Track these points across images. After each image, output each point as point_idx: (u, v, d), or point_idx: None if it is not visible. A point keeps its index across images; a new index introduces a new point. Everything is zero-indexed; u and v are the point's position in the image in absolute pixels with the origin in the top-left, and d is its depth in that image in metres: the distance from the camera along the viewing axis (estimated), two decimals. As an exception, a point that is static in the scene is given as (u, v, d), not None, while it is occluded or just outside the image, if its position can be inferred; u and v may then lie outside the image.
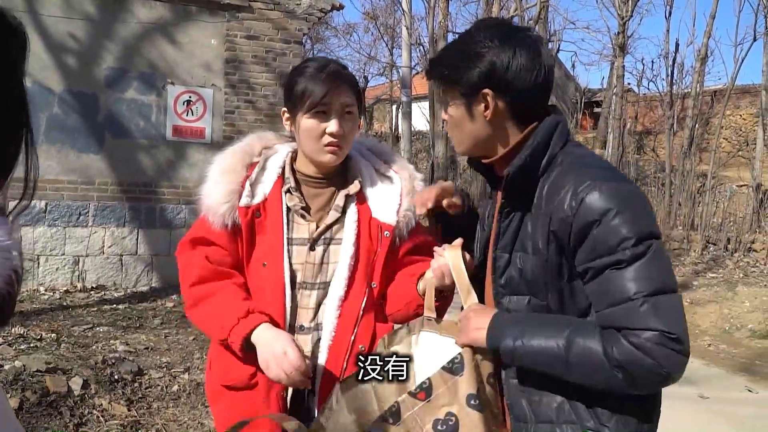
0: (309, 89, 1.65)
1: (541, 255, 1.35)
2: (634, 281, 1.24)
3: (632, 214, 1.27)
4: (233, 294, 1.67)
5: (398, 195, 1.76)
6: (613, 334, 1.26)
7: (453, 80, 1.44)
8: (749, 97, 19.90)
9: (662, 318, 1.22)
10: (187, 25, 7.50)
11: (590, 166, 1.36)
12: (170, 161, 7.52)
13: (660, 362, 1.22)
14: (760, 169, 15.50)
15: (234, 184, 1.71)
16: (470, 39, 1.43)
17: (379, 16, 24.74)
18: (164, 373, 4.67)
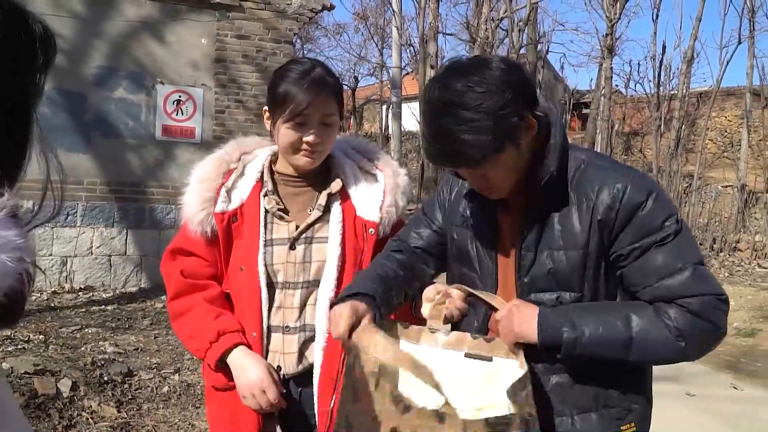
0: (290, 96, 1.62)
1: (580, 248, 1.40)
2: (680, 255, 1.36)
3: (665, 197, 1.42)
4: (204, 313, 1.70)
5: (381, 192, 1.76)
6: (668, 306, 1.34)
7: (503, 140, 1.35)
8: (734, 99, 20.11)
9: (711, 284, 1.35)
10: (177, 24, 7.47)
11: (616, 163, 1.52)
12: (159, 161, 7.49)
13: (718, 323, 1.34)
14: (744, 170, 15.67)
15: (209, 192, 1.73)
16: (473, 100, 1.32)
17: (369, 16, 24.78)
18: (154, 374, 4.65)
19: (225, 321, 1.70)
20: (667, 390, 4.72)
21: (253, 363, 1.65)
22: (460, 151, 1.33)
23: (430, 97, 1.37)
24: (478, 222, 1.57)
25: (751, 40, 16.07)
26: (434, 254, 1.69)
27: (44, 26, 0.75)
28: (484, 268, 1.54)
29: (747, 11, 15.69)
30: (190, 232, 1.74)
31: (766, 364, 6.30)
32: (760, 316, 7.47)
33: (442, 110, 1.34)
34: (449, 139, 1.33)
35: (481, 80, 1.32)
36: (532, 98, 1.40)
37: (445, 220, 1.67)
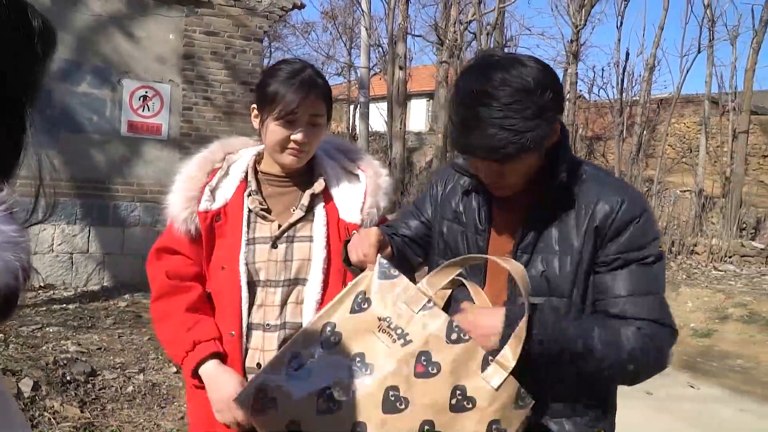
0: (280, 95, 1.65)
1: (575, 255, 1.42)
2: (655, 281, 1.41)
3: (654, 218, 1.48)
4: (182, 321, 1.71)
5: (362, 193, 1.79)
6: (626, 327, 1.37)
7: (538, 143, 1.34)
8: (693, 106, 20.60)
9: (670, 316, 1.41)
10: (145, 19, 7.37)
11: (613, 176, 1.56)
12: (125, 158, 7.38)
13: (664, 352, 1.39)
14: (702, 175, 16.08)
15: (193, 191, 1.75)
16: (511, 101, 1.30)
17: (337, 15, 24.73)
18: (118, 374, 4.59)
19: (201, 330, 1.70)
20: (628, 389, 4.82)
21: (227, 378, 1.67)
22: (491, 145, 1.31)
23: (468, 85, 1.35)
24: (471, 218, 1.57)
25: (711, 49, 16.51)
26: (421, 245, 1.71)
27: (44, 20, 0.75)
28: (473, 265, 1.54)
29: (707, 21, 16.12)
30: (175, 230, 1.75)
31: (721, 364, 6.50)
32: (715, 317, 7.69)
33: (480, 101, 1.31)
34: (483, 131, 1.31)
35: (521, 77, 1.30)
36: (562, 102, 1.41)
37: (434, 214, 1.68)
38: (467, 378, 1.31)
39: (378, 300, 1.39)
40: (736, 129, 14.88)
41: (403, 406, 1.31)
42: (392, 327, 1.36)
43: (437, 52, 18.42)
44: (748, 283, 9.45)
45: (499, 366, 1.30)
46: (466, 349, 1.32)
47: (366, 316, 1.39)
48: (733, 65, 16.24)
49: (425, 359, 1.32)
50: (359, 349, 1.37)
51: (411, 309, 1.37)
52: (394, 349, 1.34)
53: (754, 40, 14.16)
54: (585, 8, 14.89)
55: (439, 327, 1.34)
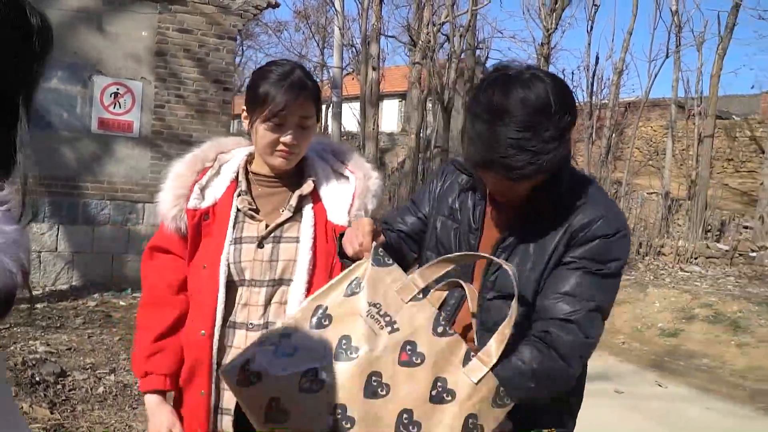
0: (270, 97, 1.65)
1: (545, 262, 1.45)
2: (597, 292, 1.42)
3: (627, 241, 1.48)
4: (147, 345, 1.76)
5: (351, 195, 1.79)
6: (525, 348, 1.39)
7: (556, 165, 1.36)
8: (659, 110, 21.00)
9: (592, 329, 1.41)
10: (117, 15, 7.27)
11: (600, 191, 1.55)
12: (95, 155, 7.27)
13: (572, 366, 1.40)
14: (669, 177, 16.39)
15: (182, 189, 1.76)
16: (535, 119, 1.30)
17: (310, 15, 24.66)
18: (89, 375, 4.53)
19: (157, 362, 1.75)
20: (597, 388, 4.92)
21: (163, 416, 1.73)
22: (509, 165, 1.31)
23: (487, 98, 1.34)
24: (466, 216, 1.59)
25: (677, 54, 16.84)
26: (416, 240, 1.72)
27: (42, 18, 0.75)
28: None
29: (674, 27, 16.44)
30: (166, 229, 1.77)
31: (688, 363, 6.64)
32: (682, 317, 7.85)
33: (499, 117, 1.31)
34: (501, 149, 1.31)
35: (540, 96, 1.31)
36: (576, 120, 1.40)
37: (431, 210, 1.70)
38: (449, 371, 1.34)
39: (370, 286, 1.41)
40: (702, 133, 15.19)
41: (384, 392, 1.33)
42: (381, 314, 1.38)
43: (410, 53, 18.48)
44: (713, 283, 9.67)
45: (481, 362, 1.33)
46: (450, 343, 1.35)
47: (357, 300, 1.41)
48: (699, 70, 16.60)
49: (410, 348, 1.35)
50: (347, 332, 1.38)
51: (401, 298, 1.40)
52: (381, 335, 1.36)
53: (719, 46, 14.47)
54: (556, 12, 15.06)
55: (427, 318, 1.37)
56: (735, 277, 10.19)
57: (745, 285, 9.51)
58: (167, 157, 7.56)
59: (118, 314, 6.35)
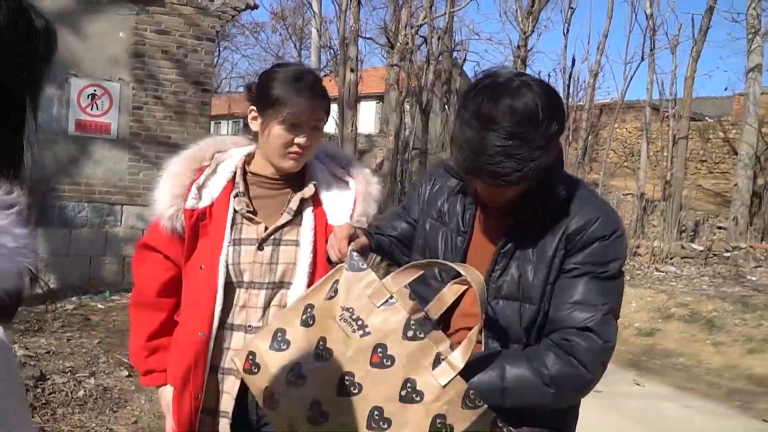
0: (286, 100, 1.66)
1: (547, 265, 1.47)
2: (604, 295, 1.44)
3: (624, 240, 1.51)
4: (142, 348, 1.82)
5: (352, 200, 1.80)
6: (546, 353, 1.41)
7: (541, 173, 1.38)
8: (633, 112, 21.31)
9: (609, 332, 1.43)
10: (94, 16, 7.20)
11: (594, 194, 1.58)
12: (72, 157, 7.19)
13: (592, 372, 1.41)
14: (644, 179, 16.63)
15: (180, 188, 1.74)
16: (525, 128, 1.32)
17: (287, 16, 24.59)
18: (68, 378, 4.49)
19: (154, 361, 1.82)
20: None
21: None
22: (494, 171, 1.34)
23: (475, 106, 1.36)
24: (455, 220, 1.61)
25: (652, 57, 17.09)
26: (407, 245, 1.74)
27: (46, 21, 0.76)
28: (448, 269, 1.57)
29: (649, 30, 16.69)
30: (160, 228, 1.76)
31: (664, 361, 6.75)
32: (658, 317, 7.97)
33: (487, 126, 1.33)
34: (489, 157, 1.33)
35: (528, 105, 1.33)
36: (564, 127, 1.44)
37: (420, 213, 1.71)
38: (418, 373, 1.38)
39: (344, 290, 1.46)
40: (676, 135, 15.43)
41: (356, 390, 1.39)
42: (354, 318, 1.43)
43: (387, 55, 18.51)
44: (688, 283, 9.82)
45: (449, 366, 1.38)
46: (420, 347, 1.40)
47: (333, 304, 1.46)
48: (673, 73, 16.85)
49: (381, 351, 1.40)
50: (323, 334, 1.45)
51: (373, 302, 1.44)
52: (354, 338, 1.42)
53: (693, 49, 14.72)
54: (533, 15, 15.22)
55: (398, 323, 1.41)
56: (710, 276, 10.36)
57: (719, 285, 9.68)
58: (145, 158, 7.50)
59: (97, 317, 6.28)
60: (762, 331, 7.06)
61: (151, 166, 7.48)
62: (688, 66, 14.79)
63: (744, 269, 10.77)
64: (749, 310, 7.68)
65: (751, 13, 14.44)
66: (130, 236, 7.49)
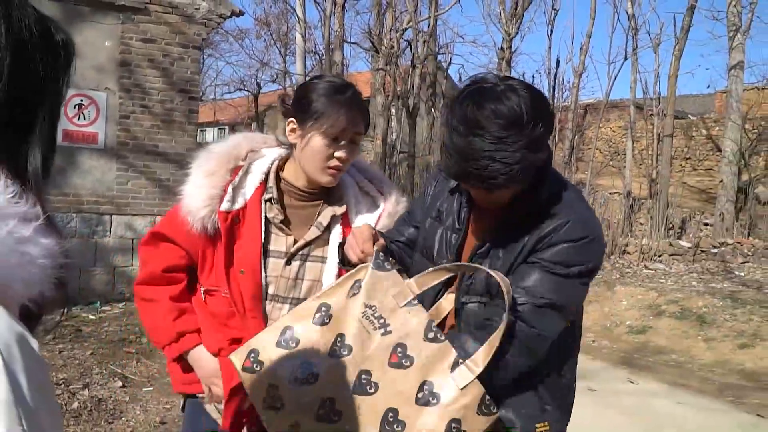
0: (329, 112, 1.64)
1: (512, 261, 1.49)
2: (553, 291, 1.46)
3: (595, 247, 1.50)
4: (168, 310, 1.74)
5: (377, 215, 1.80)
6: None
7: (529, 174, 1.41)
8: (617, 111, 21.46)
9: (546, 322, 1.47)
10: (79, 26, 7.15)
11: (578, 198, 1.57)
12: (60, 167, 7.13)
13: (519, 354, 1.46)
14: (630, 177, 16.75)
15: (217, 189, 1.69)
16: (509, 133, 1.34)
17: (271, 22, 24.58)
18: (62, 390, 4.45)
19: (185, 321, 1.74)
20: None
21: (208, 358, 1.73)
22: (484, 176, 1.37)
23: (463, 111, 1.38)
24: (450, 218, 1.63)
25: (635, 56, 17.23)
26: (415, 249, 1.75)
27: (66, 35, 0.79)
28: (440, 262, 1.60)
29: (631, 30, 16.83)
30: (185, 223, 1.69)
31: (657, 359, 6.79)
32: (649, 314, 8.02)
33: (473, 131, 1.35)
34: (476, 161, 1.35)
35: (512, 109, 1.35)
36: (552, 129, 1.45)
37: (423, 214, 1.73)
38: (436, 375, 1.39)
39: (368, 288, 1.46)
40: (661, 132, 15.56)
41: (372, 389, 1.38)
42: (376, 315, 1.44)
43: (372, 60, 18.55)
44: (677, 280, 9.90)
45: (468, 369, 1.38)
46: (440, 349, 1.40)
47: (355, 301, 1.46)
48: (656, 72, 17.06)
49: (401, 351, 1.40)
50: (342, 330, 1.44)
51: (396, 302, 1.45)
52: (374, 336, 1.42)
53: (676, 47, 14.86)
54: (516, 17, 15.30)
55: (419, 323, 1.42)
56: (698, 273, 10.45)
57: (708, 281, 9.77)
58: (133, 168, 7.46)
59: (89, 328, 6.23)
60: (752, 326, 7.13)
61: (139, 175, 7.44)
62: (671, 64, 14.94)
63: (731, 265, 10.88)
64: (739, 305, 7.75)
65: (732, 11, 14.60)
66: (119, 246, 7.45)
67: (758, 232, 13.20)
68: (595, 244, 1.49)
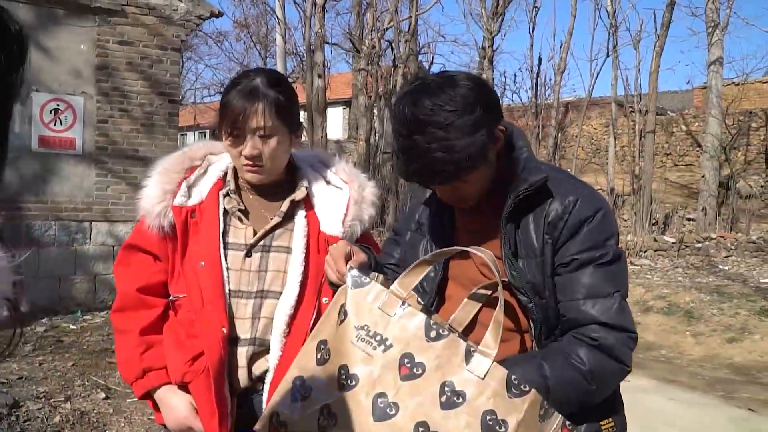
0: (225, 107, 1.59)
1: (539, 256, 1.42)
2: (612, 280, 1.40)
3: (611, 216, 1.46)
4: (136, 345, 1.67)
5: (345, 205, 1.72)
6: (578, 346, 1.36)
7: (476, 158, 1.36)
8: (598, 109, 21.61)
9: (628, 319, 1.39)
10: (54, 29, 7.01)
11: (571, 177, 1.53)
12: (37, 174, 6.98)
13: (626, 362, 1.38)
14: (612, 174, 16.84)
15: (169, 185, 1.67)
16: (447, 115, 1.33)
17: (251, 25, 24.41)
18: (43, 404, 4.33)
19: (152, 357, 1.67)
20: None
21: (177, 401, 1.65)
22: (433, 170, 1.34)
23: (402, 114, 1.37)
24: (434, 227, 1.58)
25: (615, 53, 17.32)
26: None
27: (20, 25, 0.70)
28: (427, 274, 1.52)
29: (611, 27, 16.92)
30: (147, 227, 1.66)
31: (646, 354, 6.77)
32: (637, 310, 8.02)
33: (414, 128, 1.34)
34: (422, 157, 1.34)
35: (450, 99, 1.33)
36: (498, 113, 1.42)
37: (405, 230, 1.68)
38: (453, 373, 1.31)
39: (353, 310, 1.40)
40: (643, 129, 15.64)
41: (393, 411, 1.30)
42: (371, 335, 1.37)
43: (353, 60, 18.48)
44: (663, 276, 9.92)
45: (482, 354, 1.30)
46: (447, 345, 1.32)
47: (345, 327, 1.40)
48: (637, 68, 17.15)
49: (408, 361, 1.33)
50: (343, 361, 1.37)
51: (386, 313, 1.38)
52: (376, 356, 1.35)
53: (656, 44, 14.94)
54: (498, 15, 15.31)
55: (418, 326, 1.35)
56: (683, 268, 10.49)
57: (693, 275, 9.79)
58: (113, 173, 7.32)
59: (70, 338, 6.09)
60: (739, 320, 7.15)
61: (119, 180, 7.30)
62: (651, 61, 15.01)
63: (716, 259, 10.93)
64: (725, 299, 7.77)
65: (710, 7, 14.71)
66: (100, 253, 7.30)
67: (740, 226, 13.29)
68: (609, 215, 1.46)
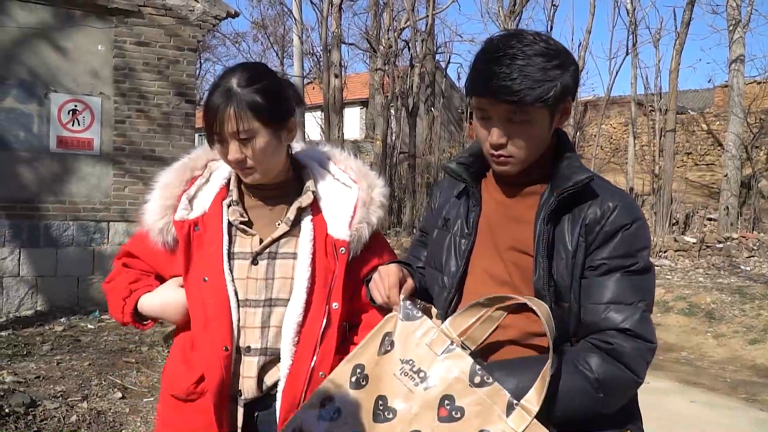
0: (205, 112, 1.53)
1: (570, 257, 1.39)
2: (638, 290, 1.36)
3: (647, 228, 1.44)
4: (125, 285, 1.68)
5: (352, 206, 1.66)
6: (590, 354, 1.33)
7: (555, 98, 1.35)
8: (617, 108, 21.37)
9: (649, 330, 1.35)
10: (72, 31, 7.06)
11: (610, 183, 1.50)
12: (56, 175, 7.03)
13: (639, 374, 1.33)
14: (632, 174, 16.65)
15: (170, 200, 1.63)
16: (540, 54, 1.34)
17: (268, 25, 24.49)
18: (60, 403, 4.34)
19: (141, 283, 1.69)
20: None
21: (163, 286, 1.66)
22: (511, 88, 1.31)
23: (496, 41, 1.37)
24: (458, 223, 1.55)
25: (635, 51, 17.13)
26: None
27: None
28: (448, 269, 1.52)
29: (630, 25, 16.73)
30: (148, 241, 1.63)
31: (667, 356, 6.67)
32: (657, 311, 7.91)
33: (506, 52, 1.33)
34: (505, 75, 1.31)
35: (548, 44, 1.36)
36: (575, 90, 1.42)
37: (431, 228, 1.65)
38: (492, 422, 1.28)
39: (401, 342, 1.39)
40: (663, 128, 15.44)
41: None
42: (414, 370, 1.36)
43: (370, 60, 18.45)
44: (684, 276, 9.78)
45: (524, 410, 1.28)
46: (490, 393, 1.30)
47: (390, 358, 1.38)
48: (657, 66, 16.96)
49: (449, 403, 1.31)
50: (382, 392, 1.36)
51: (433, 351, 1.36)
52: (417, 392, 1.33)
53: (677, 42, 14.73)
54: (515, 14, 15.21)
55: (462, 370, 1.33)
56: (704, 268, 10.34)
57: (715, 276, 9.65)
58: (130, 173, 7.35)
59: (87, 338, 6.11)
60: (761, 321, 7.02)
61: (136, 180, 7.33)
62: (672, 59, 14.80)
63: (737, 259, 10.76)
64: (747, 300, 7.64)
65: (731, 5, 14.50)
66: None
67: (762, 226, 13.09)
68: (646, 227, 1.44)
